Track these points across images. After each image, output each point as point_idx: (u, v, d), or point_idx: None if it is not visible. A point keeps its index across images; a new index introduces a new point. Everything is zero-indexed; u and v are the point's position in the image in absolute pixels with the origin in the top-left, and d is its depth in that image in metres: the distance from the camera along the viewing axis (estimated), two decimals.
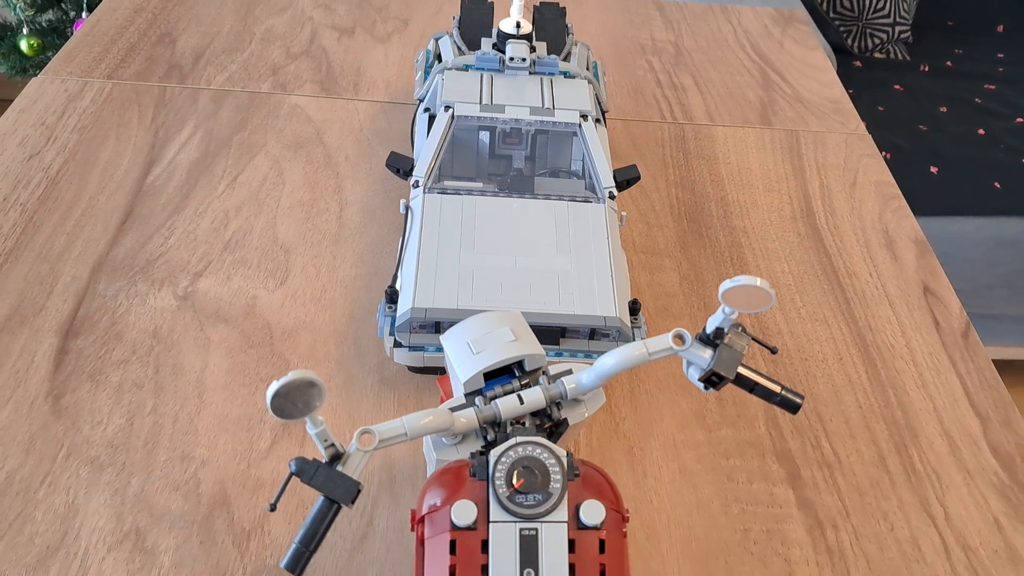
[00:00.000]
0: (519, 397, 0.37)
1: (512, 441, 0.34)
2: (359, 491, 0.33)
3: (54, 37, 1.69)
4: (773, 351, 0.37)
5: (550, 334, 0.56)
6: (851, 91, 1.69)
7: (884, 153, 1.54)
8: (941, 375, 0.65)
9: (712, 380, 0.36)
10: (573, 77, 0.72)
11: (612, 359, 0.36)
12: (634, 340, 0.58)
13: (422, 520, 0.34)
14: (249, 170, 0.77)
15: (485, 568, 0.32)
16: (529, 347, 0.38)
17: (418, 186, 0.64)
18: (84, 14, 1.62)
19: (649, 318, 0.67)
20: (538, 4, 0.80)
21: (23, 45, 1.64)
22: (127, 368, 0.60)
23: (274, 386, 0.31)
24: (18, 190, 0.73)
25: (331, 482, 0.33)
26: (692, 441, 0.59)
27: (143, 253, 0.68)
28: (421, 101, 0.73)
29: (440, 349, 0.57)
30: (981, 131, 1.62)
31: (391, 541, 0.52)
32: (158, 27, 0.96)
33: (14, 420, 0.56)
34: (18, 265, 0.66)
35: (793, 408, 0.36)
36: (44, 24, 1.72)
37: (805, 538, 0.54)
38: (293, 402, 0.31)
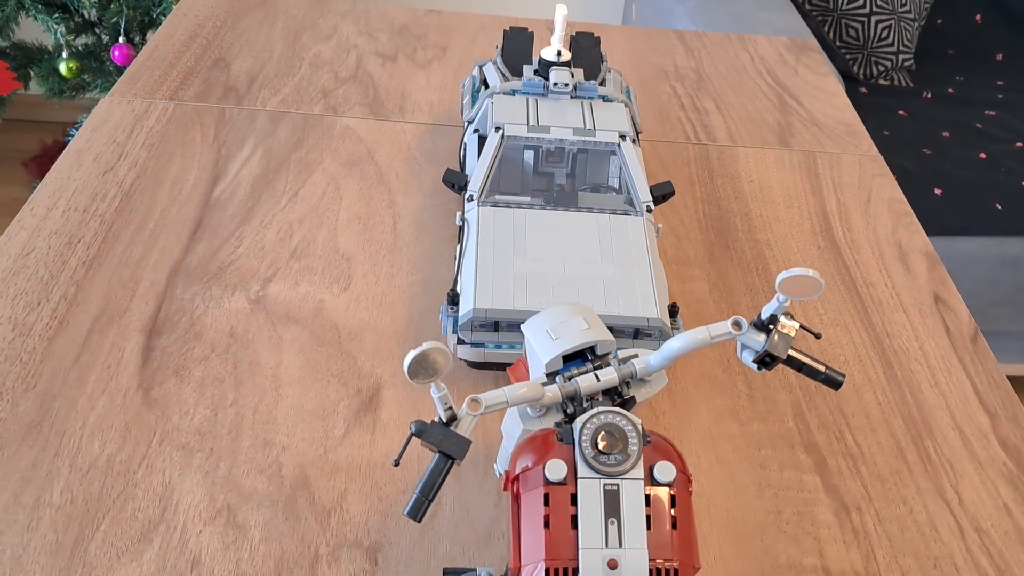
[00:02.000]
0: (596, 376, 0.42)
1: (595, 410, 0.39)
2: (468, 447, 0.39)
3: (90, 61, 1.75)
4: (817, 336, 0.42)
5: None
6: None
7: None
8: (952, 376, 0.71)
9: (765, 361, 0.41)
10: (611, 101, 0.78)
11: (678, 342, 0.42)
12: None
13: (516, 479, 0.39)
14: (308, 185, 0.83)
15: (574, 518, 0.38)
16: (601, 334, 0.44)
17: (472, 200, 0.70)
18: (121, 39, 1.68)
19: (683, 323, 0.73)
20: (574, 34, 0.86)
21: (62, 68, 1.70)
22: (208, 364, 0.65)
23: (412, 354, 0.36)
24: (96, 202, 0.78)
25: (447, 440, 0.38)
26: (727, 434, 0.64)
27: (215, 261, 0.74)
28: (470, 123, 0.79)
29: (498, 346, 0.63)
30: (982, 155, 1.68)
31: (458, 519, 0.57)
32: (212, 52, 1.02)
33: (110, 410, 0.62)
34: (101, 271, 0.72)
35: (836, 384, 0.42)
36: (80, 48, 1.78)
37: (832, 520, 0.60)
38: (424, 368, 0.37)
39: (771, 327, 0.41)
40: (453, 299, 0.64)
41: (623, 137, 0.74)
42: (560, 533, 0.37)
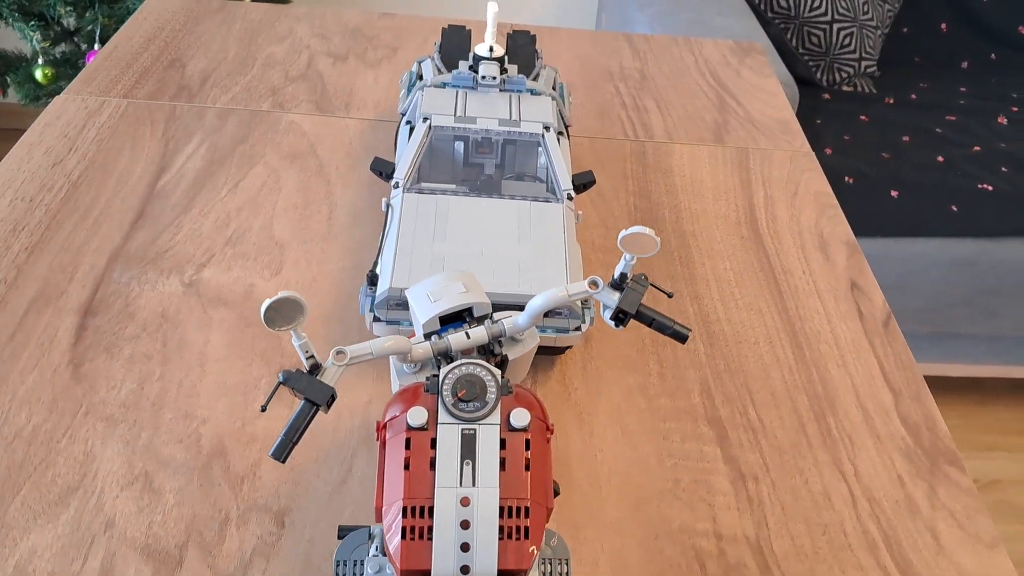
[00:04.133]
0: (466, 334, 0.45)
1: (458, 362, 0.42)
2: (334, 397, 0.42)
3: (67, 68, 1.79)
4: (669, 295, 0.45)
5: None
6: (819, 121, 1.79)
7: (847, 178, 1.63)
8: (861, 357, 0.73)
9: (619, 317, 0.44)
10: (539, 94, 0.81)
11: (540, 300, 0.45)
12: (584, 319, 0.67)
13: (384, 426, 0.42)
14: (249, 177, 0.86)
15: (433, 460, 0.40)
16: (477, 297, 0.46)
17: (398, 186, 0.73)
18: (96, 46, 1.72)
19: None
20: (511, 32, 0.89)
21: (38, 74, 1.74)
22: (138, 342, 0.68)
23: (267, 302, 0.39)
24: (43, 192, 0.81)
25: (311, 387, 0.41)
26: (635, 408, 0.67)
27: (153, 247, 0.77)
28: (404, 115, 0.82)
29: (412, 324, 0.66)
30: (940, 158, 1.72)
31: (367, 487, 0.60)
32: (170, 53, 1.05)
33: (39, 384, 0.64)
34: (43, 256, 0.75)
35: (682, 338, 0.44)
36: (58, 55, 1.82)
37: (728, 488, 0.62)
38: (282, 315, 0.39)
39: (624, 285, 0.44)
40: (372, 280, 0.67)
41: (547, 128, 0.77)
42: (419, 474, 0.40)
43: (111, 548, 0.55)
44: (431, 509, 0.39)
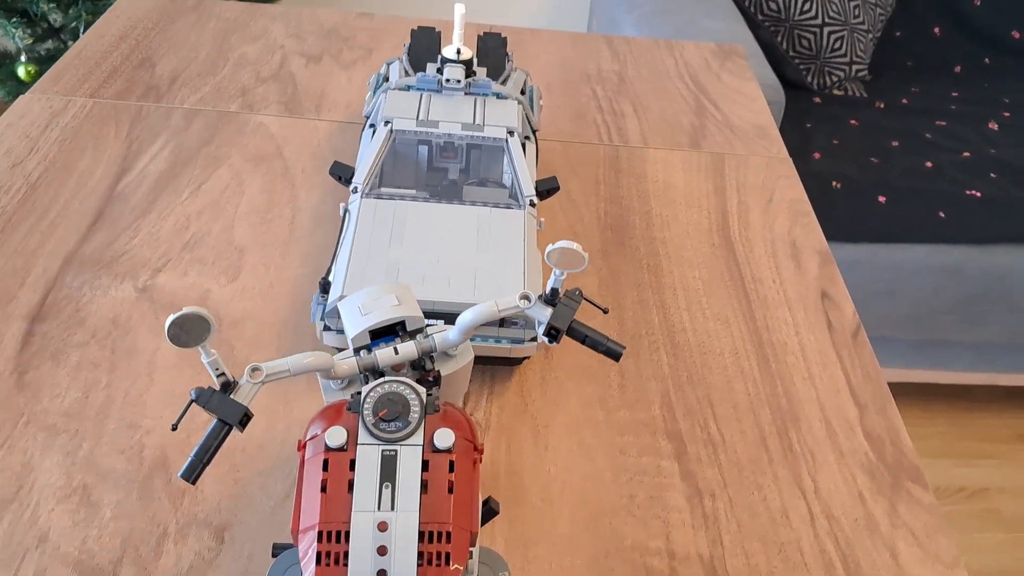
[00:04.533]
0: (395, 349, 0.44)
1: (380, 380, 0.40)
2: (248, 416, 0.40)
3: (51, 65, 1.77)
4: (604, 311, 0.43)
5: None
6: (808, 125, 1.77)
7: (834, 183, 1.61)
8: (827, 369, 0.72)
9: (551, 333, 0.42)
10: (504, 98, 0.80)
11: (470, 315, 0.43)
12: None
13: (304, 446, 0.41)
14: (212, 180, 0.84)
15: (351, 483, 0.39)
16: (410, 310, 0.45)
17: (356, 191, 0.71)
18: None
19: None
20: (482, 34, 0.87)
21: (20, 72, 1.72)
22: (86, 349, 0.67)
23: (171, 318, 0.37)
24: (0, 195, 0.80)
25: (223, 406, 0.39)
26: (592, 420, 0.65)
27: (109, 251, 0.75)
28: (368, 118, 0.80)
29: None
30: (929, 164, 1.70)
31: None
32: (140, 52, 1.04)
33: None
34: None
35: (615, 356, 0.43)
36: (42, 52, 1.80)
37: (684, 504, 0.61)
38: (188, 332, 0.38)
39: (556, 301, 0.42)
40: (324, 287, 0.65)
41: (511, 133, 0.75)
42: (336, 497, 0.39)
43: (43, 564, 0.53)
44: (347, 534, 0.38)
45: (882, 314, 1.62)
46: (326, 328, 0.64)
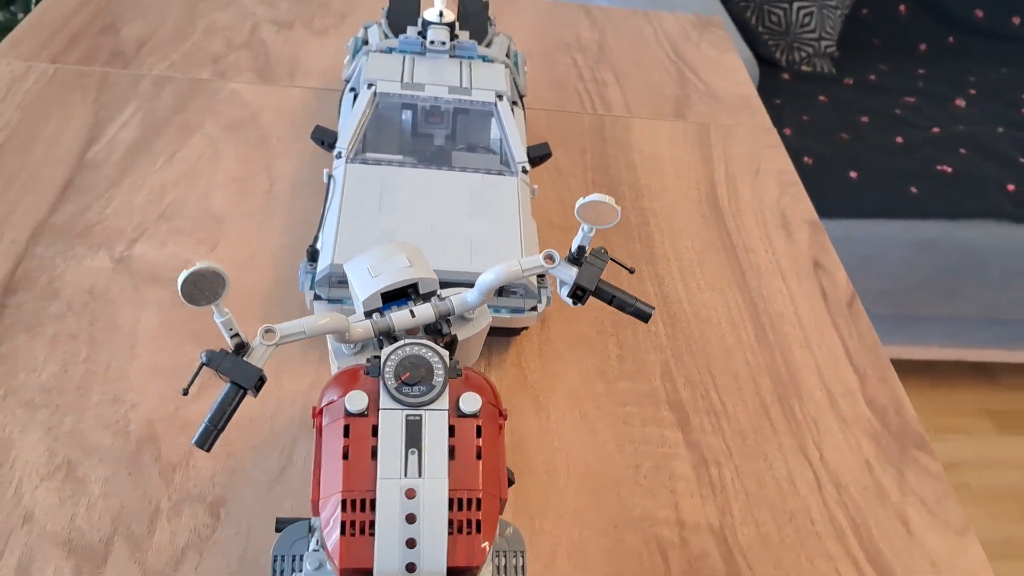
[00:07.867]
0: (411, 312, 0.41)
1: (401, 343, 0.38)
2: (262, 379, 0.38)
3: (2, 36, 1.70)
4: (631, 271, 0.42)
5: None
6: (778, 101, 1.77)
7: (806, 158, 1.61)
8: (825, 338, 0.71)
9: (577, 294, 0.41)
10: (491, 61, 0.77)
11: (491, 275, 0.41)
12: (540, 299, 0.63)
13: (320, 412, 0.38)
14: (186, 148, 0.81)
15: (374, 450, 0.37)
16: (422, 272, 0.43)
17: (341, 157, 0.69)
18: None
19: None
20: None
21: None
22: (63, 321, 0.63)
23: (184, 273, 0.35)
24: None
25: (237, 369, 0.37)
26: (593, 392, 0.64)
27: (82, 220, 0.72)
28: (348, 82, 0.77)
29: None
30: (899, 139, 1.71)
31: (308, 476, 0.56)
32: (103, 17, 0.99)
33: None
34: None
35: (644, 316, 0.41)
36: None
37: (691, 474, 0.59)
38: (201, 290, 0.35)
39: (582, 260, 0.40)
40: (312, 255, 0.63)
41: (500, 96, 0.73)
42: (359, 464, 0.36)
43: (30, 543, 0.50)
44: (373, 502, 0.36)
45: (856, 290, 1.62)
46: (316, 297, 0.61)
